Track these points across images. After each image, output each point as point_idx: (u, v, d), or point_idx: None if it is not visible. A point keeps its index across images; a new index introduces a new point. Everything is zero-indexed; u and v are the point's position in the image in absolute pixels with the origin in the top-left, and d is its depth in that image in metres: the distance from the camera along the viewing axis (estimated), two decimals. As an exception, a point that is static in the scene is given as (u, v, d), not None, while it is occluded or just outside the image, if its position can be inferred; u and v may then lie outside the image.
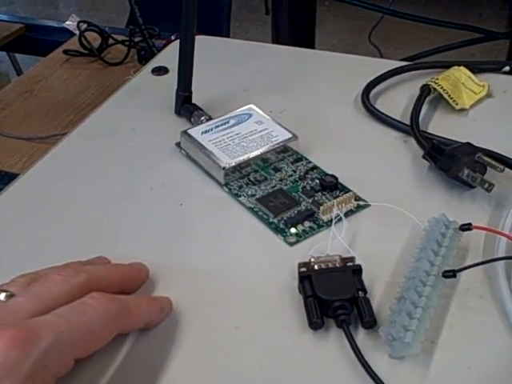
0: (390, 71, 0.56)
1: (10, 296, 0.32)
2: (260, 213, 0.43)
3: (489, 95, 0.55)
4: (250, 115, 0.51)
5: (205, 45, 0.67)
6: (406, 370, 0.33)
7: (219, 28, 1.40)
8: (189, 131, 0.49)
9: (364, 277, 0.37)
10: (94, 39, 1.41)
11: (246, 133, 0.49)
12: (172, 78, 0.56)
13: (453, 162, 0.43)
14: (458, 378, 0.32)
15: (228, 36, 1.40)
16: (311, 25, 0.99)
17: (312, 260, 0.37)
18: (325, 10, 2.21)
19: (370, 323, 0.34)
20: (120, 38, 1.44)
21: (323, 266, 0.37)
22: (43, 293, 0.31)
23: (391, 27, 1.75)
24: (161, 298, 0.37)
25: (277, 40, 0.98)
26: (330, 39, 2.09)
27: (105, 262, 0.38)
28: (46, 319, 0.29)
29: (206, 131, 0.49)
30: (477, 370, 0.32)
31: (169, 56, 0.65)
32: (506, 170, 0.44)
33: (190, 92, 0.55)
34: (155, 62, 0.65)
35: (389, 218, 0.42)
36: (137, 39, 1.36)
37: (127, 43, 1.42)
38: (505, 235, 0.37)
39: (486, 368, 0.33)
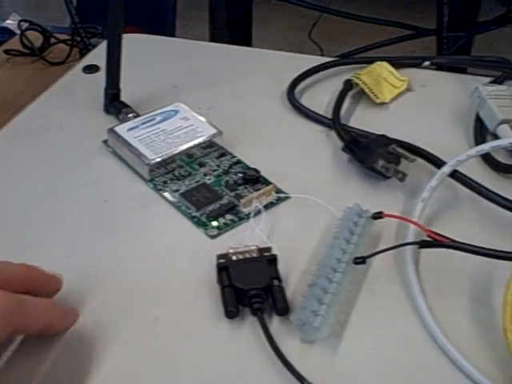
0: (315, 67, 0.58)
1: None
2: (183, 207, 0.44)
3: (409, 89, 0.56)
4: (177, 112, 0.52)
5: (138, 43, 0.68)
6: (317, 353, 0.34)
7: (164, 26, 1.40)
8: (115, 128, 0.50)
9: (280, 266, 0.38)
10: (37, 38, 1.39)
11: (171, 129, 0.49)
12: (103, 76, 0.57)
13: (368, 154, 0.44)
14: (364, 359, 0.34)
15: (173, 35, 1.40)
16: (248, 23, 1.00)
17: (230, 251, 0.38)
18: (271, 9, 2.23)
19: (283, 310, 0.35)
20: (63, 37, 1.42)
21: (241, 256, 0.38)
22: None
23: (335, 25, 1.77)
24: (66, 306, 0.36)
25: (214, 38, 0.99)
26: (276, 37, 2.10)
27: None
28: None
29: (132, 128, 0.50)
30: (383, 351, 0.34)
31: (101, 54, 0.65)
32: (420, 160, 0.46)
33: (119, 89, 0.55)
34: (87, 60, 0.65)
35: (308, 208, 0.43)
36: (79, 38, 1.34)
37: (69, 42, 1.41)
38: (413, 222, 0.39)
39: (392, 349, 0.34)
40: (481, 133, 0.49)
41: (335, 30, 1.87)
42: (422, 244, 0.36)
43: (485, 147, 0.42)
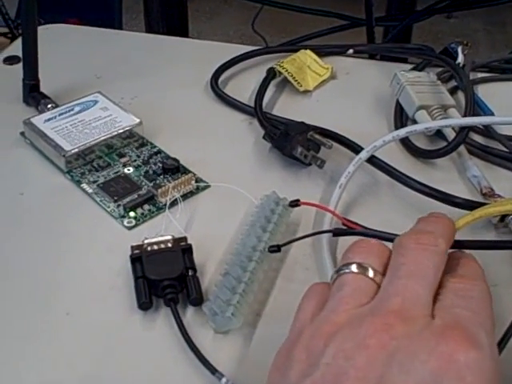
0: (238, 56, 0.57)
1: (364, 268, 0.29)
2: (100, 198, 0.43)
3: (333, 77, 0.57)
4: (96, 102, 0.50)
5: (61, 33, 0.66)
6: (230, 344, 0.34)
7: (110, 19, 1.37)
8: (32, 120, 0.48)
9: (197, 256, 0.37)
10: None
11: (89, 119, 0.48)
12: (23, 67, 0.55)
13: (287, 141, 0.44)
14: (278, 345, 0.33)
15: (121, 28, 1.37)
16: (183, 13, 0.99)
17: (145, 242, 0.38)
18: (221, 1, 2.21)
19: (197, 300, 0.35)
20: (3, 30, 1.40)
21: (155, 247, 0.37)
22: (424, 272, 0.28)
23: (284, 17, 1.77)
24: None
25: (150, 30, 0.97)
26: (226, 30, 2.09)
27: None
28: (461, 315, 0.26)
29: (50, 119, 0.48)
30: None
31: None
32: (340, 147, 0.46)
33: (37, 80, 0.53)
34: (8, 51, 0.63)
35: (227, 197, 0.42)
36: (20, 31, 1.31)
37: (10, 35, 1.37)
38: (328, 210, 0.39)
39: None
40: (401, 119, 0.49)
41: (283, 21, 1.87)
42: (335, 232, 0.36)
43: (400, 132, 0.43)
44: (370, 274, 0.29)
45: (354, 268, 0.29)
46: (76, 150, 0.45)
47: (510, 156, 0.45)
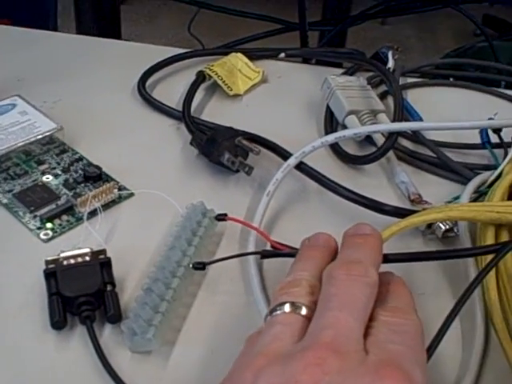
0: (167, 59, 0.56)
1: (296, 307, 0.27)
2: (15, 209, 0.40)
3: (264, 80, 0.56)
4: (14, 106, 0.48)
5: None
6: (149, 363, 0.32)
7: (46, 20, 1.32)
8: None
9: (118, 269, 0.35)
10: None
11: (6, 124, 0.46)
12: None
13: (214, 147, 0.43)
14: (199, 364, 0.32)
15: (56, 29, 1.32)
16: (115, 16, 0.96)
17: (61, 256, 0.35)
18: (160, 4, 2.18)
19: (115, 317, 0.33)
20: None
21: (72, 261, 0.35)
22: (354, 303, 0.26)
23: (219, 20, 1.76)
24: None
25: (80, 32, 0.94)
26: (165, 33, 2.06)
27: (330, 242, 0.32)
28: (395, 351, 0.25)
29: (-38, 124, 0.45)
30: (220, 353, 0.32)
31: None
32: (269, 153, 0.45)
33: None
34: None
35: (152, 206, 0.41)
36: None
37: None
38: (256, 230, 0.37)
39: (230, 350, 0.32)
40: (331, 124, 0.49)
41: (221, 24, 1.86)
42: (263, 254, 0.35)
43: (329, 138, 0.42)
44: (303, 312, 0.27)
45: (287, 308, 0.27)
46: (-10, 157, 0.43)
47: (437, 161, 0.45)
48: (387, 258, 0.32)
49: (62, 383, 0.31)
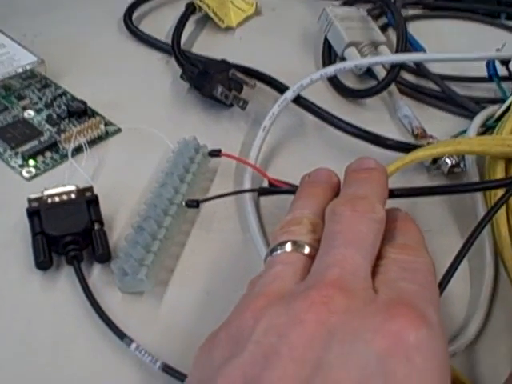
0: (154, -12, 0.52)
1: (298, 246, 0.25)
2: (-5, 146, 0.38)
3: (258, 13, 0.53)
4: (-9, 38, 0.45)
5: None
6: (140, 305, 0.30)
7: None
8: None
9: (106, 207, 0.33)
10: None
11: (-17, 58, 0.43)
12: None
13: (206, 80, 0.40)
14: (194, 306, 0.30)
15: None
16: None
17: (45, 194, 0.33)
18: None
19: (104, 257, 0.31)
20: None
21: (57, 199, 0.33)
22: (361, 240, 0.24)
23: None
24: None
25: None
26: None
27: (332, 177, 0.30)
28: (413, 291, 0.23)
29: None
30: (216, 294, 0.30)
31: None
32: (264, 86, 0.42)
33: None
34: None
35: (141, 142, 0.39)
36: None
37: None
38: (250, 165, 0.35)
39: (225, 292, 0.31)
40: (329, 57, 0.46)
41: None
42: (260, 192, 0.33)
43: (328, 70, 0.39)
44: (306, 250, 0.25)
45: (288, 247, 0.25)
46: (-33, 91, 0.40)
47: (441, 95, 0.43)
48: (392, 193, 0.30)
49: (48, 325, 0.29)
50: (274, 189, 0.33)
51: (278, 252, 0.25)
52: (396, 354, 0.20)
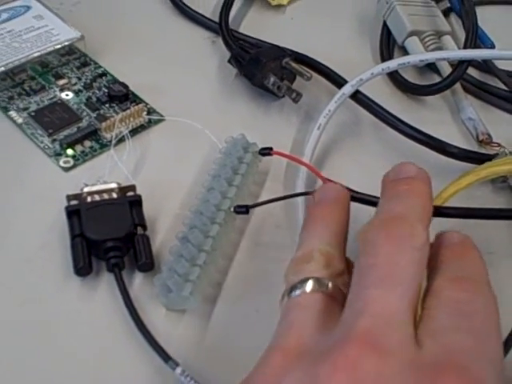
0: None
1: (320, 284, 0.21)
2: (31, 130, 0.36)
3: (309, -10, 0.49)
4: (29, 8, 0.42)
5: None
6: (185, 323, 0.28)
7: None
8: None
9: (148, 209, 0.31)
10: None
11: (20, 30, 0.40)
12: None
13: (257, 68, 0.37)
14: (243, 324, 0.28)
15: None
16: None
17: (85, 190, 0.31)
18: None
19: (147, 266, 0.29)
20: None
21: (97, 197, 0.31)
22: (400, 277, 0.20)
23: None
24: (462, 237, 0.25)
25: None
26: None
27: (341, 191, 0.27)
28: (468, 347, 0.19)
29: (-29, 27, 0.40)
30: (266, 313, 0.28)
31: None
32: (318, 77, 0.39)
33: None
34: None
35: (185, 135, 0.36)
36: None
37: None
38: (304, 164, 0.32)
39: (276, 310, 0.29)
40: (387, 45, 0.43)
41: None
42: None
43: (391, 64, 0.36)
44: (327, 289, 0.21)
45: (308, 287, 0.22)
46: (3, 67, 0.38)
47: (509, 95, 0.40)
48: (444, 212, 0.27)
49: (86, 336, 0.27)
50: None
51: (297, 293, 0.22)
52: None
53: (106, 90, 0.38)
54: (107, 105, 0.38)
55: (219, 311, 0.28)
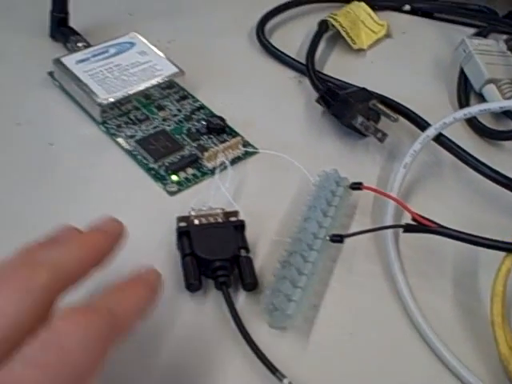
0: (288, 2, 0.53)
1: None
2: (139, 157, 0.39)
3: (388, 35, 0.52)
4: (133, 44, 0.46)
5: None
6: (287, 338, 0.31)
7: None
8: (62, 59, 0.44)
9: (247, 234, 0.34)
10: None
11: (127, 64, 0.44)
12: (48, -5, 0.50)
13: (346, 109, 0.40)
14: (339, 345, 0.31)
15: None
16: None
17: (192, 213, 0.34)
18: None
19: (251, 285, 0.32)
20: None
21: (204, 220, 0.34)
22: None
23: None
24: (147, 275, 0.27)
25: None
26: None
27: (71, 234, 0.27)
28: (15, 378, 0.20)
29: (82, 60, 0.44)
30: (359, 336, 0.31)
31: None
32: (401, 119, 0.42)
33: (67, 13, 0.49)
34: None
35: (277, 167, 0.39)
36: None
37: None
38: (393, 199, 0.35)
39: (369, 333, 0.31)
40: (465, 91, 0.45)
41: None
42: (407, 228, 0.33)
43: (473, 110, 0.39)
44: None
45: None
46: (112, 99, 0.41)
47: None
48: None
49: (197, 346, 0.30)
50: (422, 227, 0.33)
51: None
52: None
53: (204, 123, 0.42)
54: (206, 136, 0.41)
55: (316, 331, 0.31)
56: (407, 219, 0.34)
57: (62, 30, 0.48)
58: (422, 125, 0.40)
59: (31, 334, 0.21)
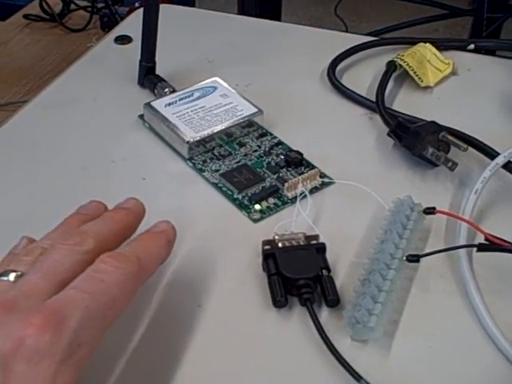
0: (356, 46, 0.56)
1: (19, 276, 0.29)
2: (224, 188, 0.43)
3: (453, 73, 0.55)
4: (215, 88, 0.50)
5: (170, 14, 0.65)
6: (369, 352, 0.33)
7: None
8: (152, 103, 0.48)
9: (327, 255, 0.37)
10: (56, 4, 1.36)
11: (210, 106, 0.48)
12: (135, 47, 0.55)
13: (417, 141, 0.43)
14: (419, 358, 0.32)
15: (193, 5, 1.37)
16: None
17: (276, 237, 0.37)
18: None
19: (334, 302, 0.34)
20: (83, 3, 1.40)
21: (287, 243, 0.37)
22: (54, 267, 0.29)
23: (357, 0, 1.74)
24: (162, 228, 0.33)
25: (242, 11, 0.96)
26: (295, 11, 2.06)
27: (100, 209, 0.35)
28: (69, 296, 0.27)
29: (170, 104, 0.48)
30: (438, 349, 0.33)
31: (132, 24, 0.63)
32: (470, 149, 0.44)
33: (154, 62, 0.54)
34: (118, 30, 0.63)
35: (353, 196, 0.42)
36: (100, 5, 1.32)
37: (89, 9, 1.38)
38: (466, 221, 0.37)
39: (447, 347, 0.33)
40: (531, 123, 0.47)
41: (356, 5, 1.84)
42: (480, 248, 0.35)
43: (541, 139, 0.41)
44: (11, 278, 0.29)
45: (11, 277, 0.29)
46: (199, 137, 0.45)
47: None
48: None
49: (284, 359, 0.33)
50: (495, 247, 0.35)
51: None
52: (17, 355, 0.24)
53: (282, 157, 0.45)
54: (285, 169, 0.44)
55: (396, 344, 0.33)
56: (480, 241, 0.36)
57: (149, 77, 0.53)
58: (491, 153, 0.42)
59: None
